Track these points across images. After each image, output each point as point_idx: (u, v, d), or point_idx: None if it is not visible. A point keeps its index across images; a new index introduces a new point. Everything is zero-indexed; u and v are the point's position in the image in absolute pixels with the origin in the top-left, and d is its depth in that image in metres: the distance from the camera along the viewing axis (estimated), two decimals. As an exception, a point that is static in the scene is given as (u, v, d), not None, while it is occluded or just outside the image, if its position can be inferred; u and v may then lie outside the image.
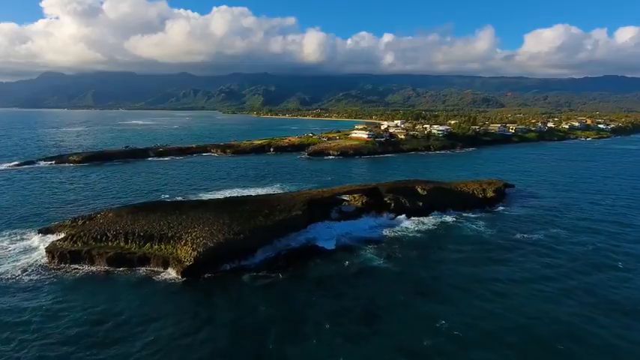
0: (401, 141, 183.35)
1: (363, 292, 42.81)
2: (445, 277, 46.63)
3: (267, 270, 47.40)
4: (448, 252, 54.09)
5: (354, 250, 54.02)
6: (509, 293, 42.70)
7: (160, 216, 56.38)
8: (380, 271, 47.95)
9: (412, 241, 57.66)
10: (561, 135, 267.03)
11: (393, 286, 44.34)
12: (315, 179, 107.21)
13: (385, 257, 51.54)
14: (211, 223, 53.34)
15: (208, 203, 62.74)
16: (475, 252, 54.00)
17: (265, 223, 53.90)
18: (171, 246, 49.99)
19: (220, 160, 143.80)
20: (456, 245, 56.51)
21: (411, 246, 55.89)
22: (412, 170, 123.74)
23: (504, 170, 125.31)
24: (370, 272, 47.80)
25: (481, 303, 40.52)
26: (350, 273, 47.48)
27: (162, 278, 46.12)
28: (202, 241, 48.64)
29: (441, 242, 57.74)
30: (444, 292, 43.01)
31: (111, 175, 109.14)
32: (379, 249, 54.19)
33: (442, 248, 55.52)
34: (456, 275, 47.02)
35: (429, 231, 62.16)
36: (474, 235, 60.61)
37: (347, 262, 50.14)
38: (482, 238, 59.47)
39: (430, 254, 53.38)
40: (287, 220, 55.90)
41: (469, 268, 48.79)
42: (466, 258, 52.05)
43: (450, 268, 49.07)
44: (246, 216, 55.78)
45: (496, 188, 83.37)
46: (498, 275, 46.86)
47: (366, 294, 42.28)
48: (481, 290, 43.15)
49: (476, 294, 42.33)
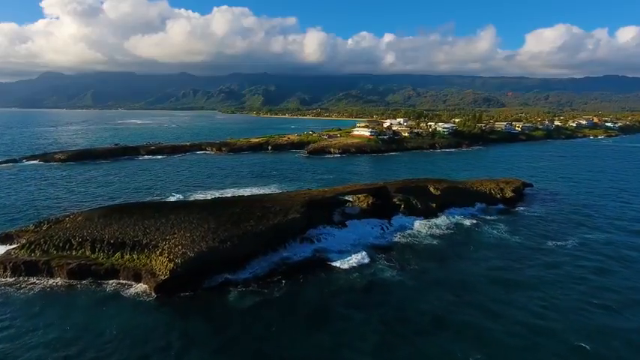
0: (405, 139, 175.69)
1: (374, 314, 34.96)
2: (471, 294, 38.77)
3: (259, 285, 39.53)
4: (470, 262, 46.28)
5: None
6: (552, 321, 34.62)
7: (136, 219, 48.69)
8: (393, 287, 40.12)
9: (427, 249, 49.92)
10: (569, 133, 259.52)
11: (410, 306, 36.56)
12: (315, 178, 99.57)
13: (398, 268, 43.77)
14: (194, 228, 45.67)
15: (193, 204, 55.11)
16: (502, 263, 46.13)
17: (257, 228, 46.16)
18: (145, 256, 42.31)
19: (215, 158, 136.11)
20: (478, 254, 48.69)
21: (427, 254, 48.13)
22: (419, 169, 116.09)
23: (517, 169, 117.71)
24: (382, 288, 39.96)
25: (519, 330, 32.69)
26: (358, 288, 39.65)
27: (131, 294, 38.47)
28: (181, 251, 40.95)
29: (461, 250, 49.95)
30: (471, 316, 34.98)
31: (96, 175, 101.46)
32: (390, 258, 46.43)
33: (462, 257, 47.73)
34: (483, 292, 39.17)
35: (445, 236, 54.40)
36: (498, 242, 52.80)
37: (354, 274, 42.35)
38: (508, 245, 51.64)
39: (449, 265, 45.57)
40: (283, 224, 48.18)
41: (498, 284, 40.92)
42: (492, 270, 44.20)
43: (474, 283, 41.24)
44: (235, 219, 48.08)
45: (515, 188, 75.75)
46: (535, 294, 38.82)
47: (378, 317, 34.44)
48: (516, 314, 35.12)
49: (511, 319, 34.32)
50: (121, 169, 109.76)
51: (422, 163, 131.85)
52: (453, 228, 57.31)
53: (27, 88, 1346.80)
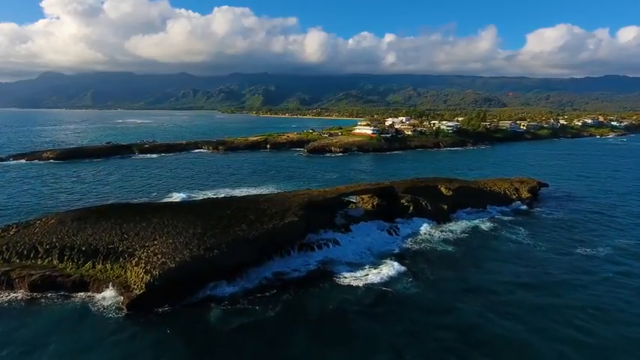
0: (408, 137, 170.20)
1: (386, 335, 29.37)
2: (501, 307, 33.10)
3: (250, 301, 33.84)
4: (492, 272, 40.65)
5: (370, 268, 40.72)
6: (605, 339, 29.10)
7: (114, 223, 43.19)
8: (408, 301, 34.38)
9: (442, 256, 44.23)
10: (574, 132, 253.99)
11: (428, 324, 30.96)
12: (316, 178, 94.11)
13: (412, 278, 38.10)
14: (178, 234, 40.16)
15: (179, 206, 49.65)
16: (528, 273, 40.43)
17: (249, 234, 40.60)
18: (120, 266, 36.83)
19: (211, 157, 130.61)
20: (499, 262, 43.02)
21: (442, 263, 42.49)
22: (424, 168, 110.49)
23: (528, 167, 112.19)
24: (395, 302, 34.24)
25: (571, 351, 27.15)
26: (366, 303, 33.91)
27: (101, 310, 32.98)
28: (160, 260, 35.42)
29: (480, 258, 44.30)
30: (508, 331, 29.50)
31: (84, 174, 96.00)
32: (402, 267, 40.73)
33: (483, 266, 42.09)
34: (514, 305, 33.49)
35: (461, 241, 48.76)
36: (520, 249, 47.09)
37: (362, 287, 36.67)
38: (532, 252, 45.98)
39: (470, 275, 39.94)
40: (279, 228, 42.59)
41: (529, 296, 35.32)
42: (519, 281, 38.57)
43: (501, 295, 35.64)
44: (225, 224, 42.56)
45: (531, 187, 70.21)
46: (576, 306, 33.33)
47: (391, 339, 28.87)
48: (560, 329, 29.68)
49: (556, 336, 28.81)
50: (111, 169, 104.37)
51: (427, 162, 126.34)
52: (468, 232, 51.68)
53: (26, 88, 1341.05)
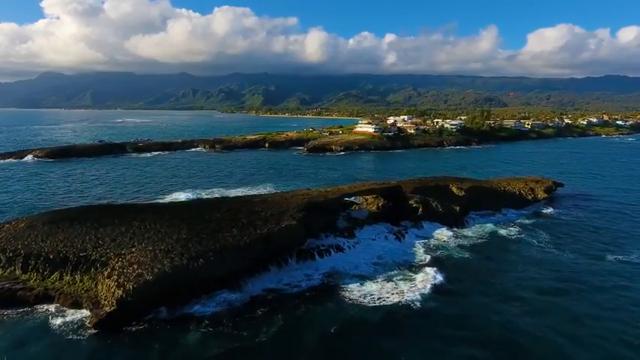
0: (411, 136, 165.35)
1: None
2: (530, 326, 28.26)
3: (236, 323, 28.58)
4: (516, 283, 35.66)
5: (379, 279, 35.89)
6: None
7: (90, 227, 38.44)
8: (428, 320, 29.34)
9: (460, 266, 39.19)
10: (580, 131, 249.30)
11: (456, 344, 26.11)
12: (316, 177, 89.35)
13: (431, 292, 33.03)
14: (159, 240, 35.39)
15: (165, 208, 44.83)
16: (556, 282, 35.64)
17: (240, 240, 35.77)
18: (90, 277, 32.04)
19: (207, 156, 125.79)
20: (524, 272, 37.87)
21: (461, 273, 37.38)
22: (429, 167, 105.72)
23: (537, 167, 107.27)
24: (414, 322, 29.20)
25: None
26: (381, 326, 28.63)
27: (64, 329, 28.22)
28: (136, 272, 30.62)
29: (501, 266, 39.36)
30: (539, 354, 24.82)
31: (72, 173, 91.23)
32: (417, 278, 35.86)
33: (506, 277, 36.95)
34: (546, 324, 28.62)
35: (478, 248, 43.80)
36: (545, 256, 41.93)
37: (373, 305, 31.69)
38: (558, 260, 41.01)
39: (492, 287, 34.91)
40: (274, 234, 37.78)
41: (565, 312, 30.49)
42: (546, 291, 33.76)
43: (530, 310, 30.76)
44: (214, 228, 37.79)
45: (546, 187, 65.43)
46: (614, 324, 28.54)
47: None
48: (613, 347, 24.98)
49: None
50: (102, 168, 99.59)
51: (432, 161, 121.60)
52: (485, 237, 46.70)
53: (26, 88, 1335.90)
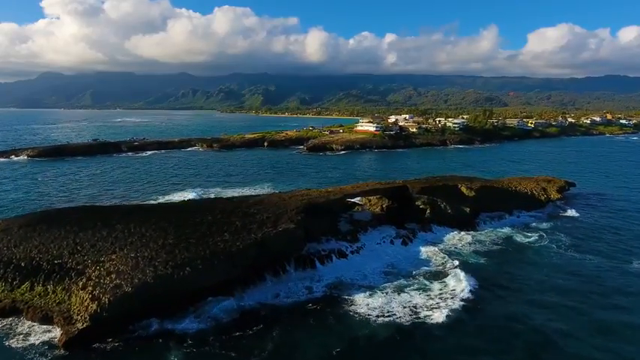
0: (413, 134, 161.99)
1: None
2: (562, 342, 24.88)
3: (224, 342, 25.10)
4: (540, 295, 31.88)
5: (387, 291, 32.43)
6: None
7: (68, 231, 35.10)
8: (449, 337, 25.79)
9: (477, 275, 34.54)
10: (583, 130, 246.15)
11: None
12: (316, 177, 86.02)
13: (449, 304, 29.48)
14: (143, 245, 32.01)
15: (152, 210, 41.41)
16: (582, 293, 32.13)
17: (232, 246, 32.33)
18: (64, 288, 28.64)
19: (204, 155, 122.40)
20: (548, 282, 33.98)
21: (480, 282, 33.16)
22: (433, 166, 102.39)
23: (545, 166, 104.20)
24: (432, 340, 25.68)
25: None
26: (386, 342, 25.46)
27: (30, 348, 24.85)
28: (114, 282, 27.22)
29: (522, 276, 35.31)
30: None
31: (64, 173, 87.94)
32: (431, 289, 32.36)
33: (529, 287, 33.18)
34: (579, 337, 25.27)
35: (494, 254, 39.98)
36: (567, 263, 38.04)
37: (377, 316, 28.31)
38: (583, 267, 37.23)
39: (514, 299, 31.20)
40: (271, 238, 34.34)
41: (591, 323, 27.14)
42: (572, 303, 30.30)
43: (559, 324, 27.29)
44: (204, 232, 34.41)
45: (559, 187, 62.04)
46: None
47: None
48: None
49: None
50: (94, 167, 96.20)
51: (436, 160, 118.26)
52: (500, 242, 42.96)
53: (26, 88, 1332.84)
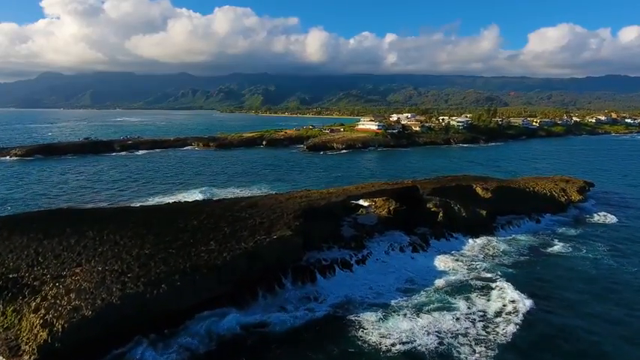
0: (416, 133, 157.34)
1: None
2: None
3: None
4: (590, 317, 26.62)
5: (399, 309, 27.67)
6: None
7: (32, 239, 30.43)
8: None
9: (507, 292, 29.96)
10: (589, 129, 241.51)
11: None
12: (316, 177, 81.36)
13: (480, 327, 24.65)
14: (115, 256, 27.30)
15: (131, 213, 36.67)
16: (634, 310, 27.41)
17: (218, 257, 27.56)
18: (15, 309, 23.89)
19: (200, 154, 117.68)
20: (593, 302, 28.55)
21: (513, 305, 27.43)
22: (440, 166, 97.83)
23: (556, 165, 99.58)
24: None
25: None
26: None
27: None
28: (72, 304, 22.49)
29: (559, 294, 29.60)
30: None
31: (50, 173, 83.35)
32: (456, 309, 27.30)
33: (572, 305, 27.87)
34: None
35: (522, 265, 34.48)
36: (611, 276, 32.50)
37: (393, 345, 23.53)
38: (623, 276, 32.53)
39: (556, 322, 26.26)
40: (263, 248, 29.59)
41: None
42: (627, 329, 25.48)
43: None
44: (187, 240, 29.68)
45: (579, 188, 57.35)
46: None
47: None
48: None
49: None
50: (83, 167, 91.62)
51: (441, 160, 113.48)
52: (526, 252, 37.60)
53: (25, 88, 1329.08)
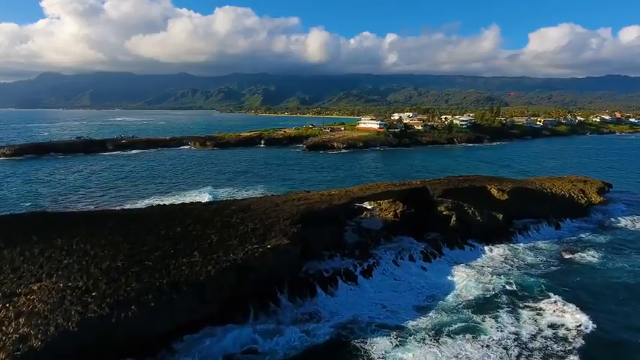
0: (419, 132, 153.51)
1: None
2: None
3: None
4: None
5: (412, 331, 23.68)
6: None
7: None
8: None
9: (539, 311, 25.55)
10: (593, 128, 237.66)
11: None
12: (316, 177, 77.44)
13: (516, 356, 20.53)
14: (80, 270, 23.27)
15: (109, 219, 32.59)
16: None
17: (201, 271, 23.50)
18: (-47, 337, 19.93)
19: (195, 154, 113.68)
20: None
21: (552, 329, 23.28)
22: (447, 166, 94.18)
23: (569, 165, 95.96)
24: None
25: None
26: None
27: None
28: (20, 331, 18.46)
29: (603, 312, 25.43)
30: None
31: (36, 173, 79.36)
32: (484, 330, 23.62)
33: (621, 331, 23.74)
34: None
35: (552, 277, 30.07)
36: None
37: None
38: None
39: (612, 346, 22.33)
40: (256, 260, 25.53)
41: None
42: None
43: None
44: (167, 250, 25.63)
45: (598, 189, 53.38)
46: None
47: None
48: None
49: None
50: (72, 167, 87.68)
51: (446, 159, 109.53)
52: (555, 263, 33.08)
53: (25, 88, 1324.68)
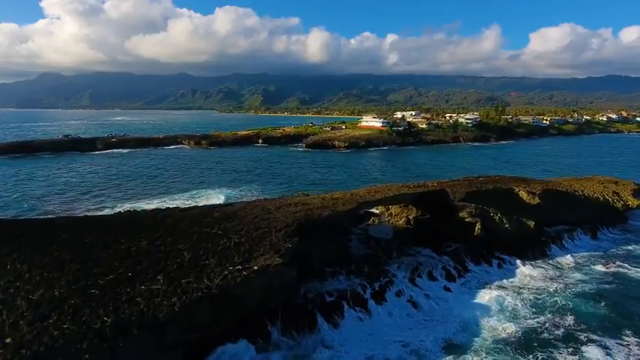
0: (423, 131, 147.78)
1: None
2: None
3: None
4: None
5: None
6: None
7: None
8: None
9: (614, 349, 19.83)
10: (601, 127, 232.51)
11: None
12: (316, 178, 71.74)
13: None
14: (2, 302, 17.50)
15: (63, 228, 26.73)
16: None
17: (161, 306, 17.67)
18: None
19: (189, 153, 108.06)
20: None
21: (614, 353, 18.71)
22: (458, 166, 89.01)
23: (589, 164, 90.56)
24: None
25: None
26: None
27: None
28: None
29: None
30: None
31: (16, 173, 73.84)
32: None
33: None
34: None
35: (613, 304, 24.23)
36: None
37: None
38: None
39: None
40: (236, 285, 19.67)
41: None
42: None
43: None
44: (124, 271, 19.76)
45: (633, 191, 47.63)
46: None
47: None
48: None
49: None
50: (55, 167, 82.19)
51: (453, 159, 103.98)
52: (606, 282, 27.25)
53: (25, 89, 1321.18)
